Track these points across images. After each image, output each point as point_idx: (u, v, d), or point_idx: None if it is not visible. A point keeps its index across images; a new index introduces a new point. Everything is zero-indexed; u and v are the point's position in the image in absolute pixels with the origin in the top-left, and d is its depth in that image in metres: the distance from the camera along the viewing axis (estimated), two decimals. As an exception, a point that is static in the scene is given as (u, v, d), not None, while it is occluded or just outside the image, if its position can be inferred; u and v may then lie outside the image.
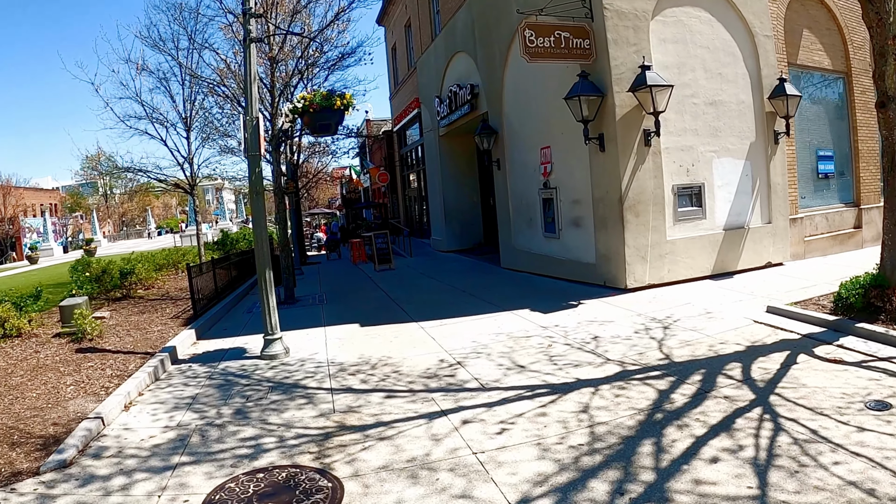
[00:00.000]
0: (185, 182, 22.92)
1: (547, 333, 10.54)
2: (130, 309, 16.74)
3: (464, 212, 27.18)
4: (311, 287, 20.66)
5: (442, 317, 12.82)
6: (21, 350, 12.45)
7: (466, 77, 22.40)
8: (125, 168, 23.40)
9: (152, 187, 25.76)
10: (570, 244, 15.61)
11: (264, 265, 10.85)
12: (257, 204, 10.85)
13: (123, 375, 10.02)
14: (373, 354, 10.35)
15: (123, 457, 6.85)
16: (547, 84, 15.63)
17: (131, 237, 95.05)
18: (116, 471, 6.47)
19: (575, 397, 7.31)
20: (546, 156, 16.15)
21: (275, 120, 17.32)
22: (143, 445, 7.15)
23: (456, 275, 19.65)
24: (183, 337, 12.62)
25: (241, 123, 10.48)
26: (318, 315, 14.87)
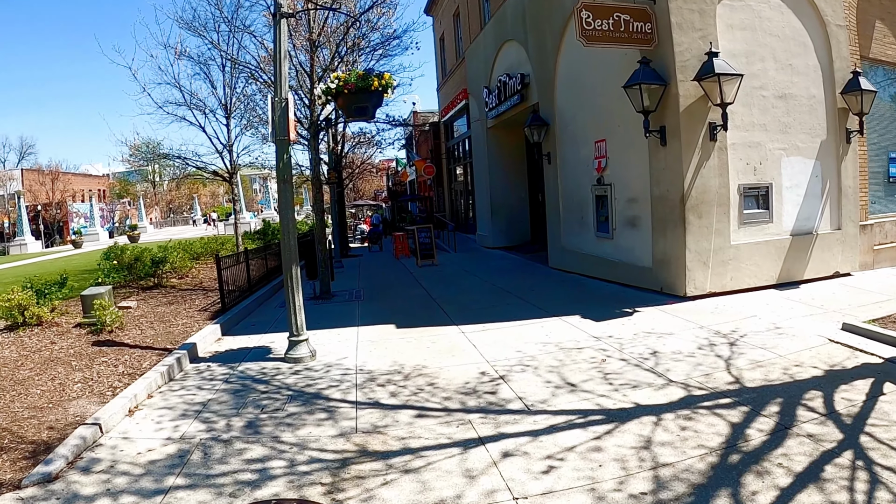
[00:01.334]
0: (225, 170, 22.27)
1: (600, 345, 9.47)
2: (159, 299, 16.06)
3: (511, 207, 26.11)
4: (349, 282, 19.81)
5: (485, 320, 11.82)
6: (38, 340, 11.84)
7: (517, 66, 21.35)
8: (164, 155, 22.84)
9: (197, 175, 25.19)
10: (624, 246, 14.52)
11: (291, 260, 9.96)
12: (284, 193, 9.95)
13: (135, 374, 9.29)
14: (406, 362, 9.41)
15: (114, 473, 6.08)
16: (603, 72, 14.56)
17: (178, 224, 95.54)
18: (102, 490, 5.72)
19: (634, 428, 6.26)
20: (601, 150, 15.08)
21: (313, 106, 16.47)
22: (139, 461, 6.34)
23: (501, 274, 18.62)
24: (206, 333, 11.85)
25: (269, 105, 9.55)
26: (352, 313, 14.00)
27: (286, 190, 9.93)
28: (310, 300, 16.00)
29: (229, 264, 15.38)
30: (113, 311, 12.48)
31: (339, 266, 24.36)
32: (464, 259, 23.79)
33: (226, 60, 19.79)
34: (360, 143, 35.85)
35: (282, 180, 9.83)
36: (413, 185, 57.39)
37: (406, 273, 21.12)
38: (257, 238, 31.38)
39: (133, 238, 54.30)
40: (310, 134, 16.69)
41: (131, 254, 18.43)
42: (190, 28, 18.27)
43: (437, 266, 22.02)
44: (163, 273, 18.74)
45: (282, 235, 10.17)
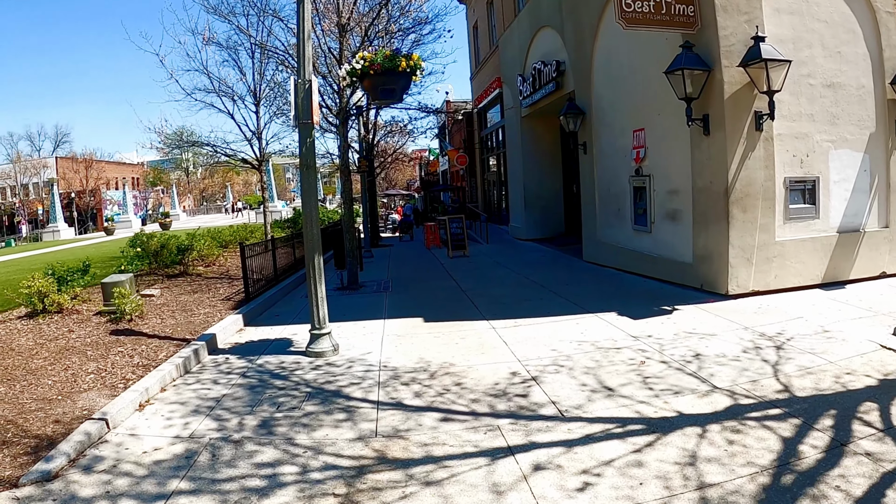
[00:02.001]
0: (254, 158, 21.95)
1: (639, 346, 8.89)
2: (184, 287, 15.75)
3: (545, 199, 25.52)
4: (378, 272, 19.42)
5: (517, 316, 11.28)
6: (56, 328, 11.58)
7: (552, 54, 20.73)
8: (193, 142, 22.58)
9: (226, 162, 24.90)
10: (663, 240, 13.91)
11: (313, 249, 9.50)
12: (307, 179, 9.50)
13: (150, 366, 8.94)
14: (433, 359, 8.90)
15: (116, 474, 5.69)
16: (642, 59, 13.97)
17: (210, 212, 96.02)
18: (102, 493, 5.34)
19: (677, 440, 5.70)
20: (639, 139, 14.48)
21: (342, 93, 16.02)
22: (143, 461, 5.95)
23: (534, 266, 18.04)
24: (227, 323, 11.48)
25: (292, 87, 9.06)
26: (379, 305, 13.58)
27: (309, 176, 9.47)
28: (336, 290, 15.65)
29: (255, 253, 15.03)
30: (133, 299, 12.15)
31: (369, 256, 24.02)
32: (496, 251, 23.27)
33: (254, 46, 19.45)
34: (392, 131, 35.41)
35: (304, 165, 9.36)
36: (445, 175, 57.00)
37: (436, 264, 20.67)
38: (287, 226, 31.15)
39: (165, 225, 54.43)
40: (339, 121, 16.26)
41: (157, 241, 18.15)
42: (217, 13, 17.90)
43: (469, 257, 21.55)
44: (189, 261, 18.48)
45: (304, 224, 9.72)
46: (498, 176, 34.62)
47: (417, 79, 9.51)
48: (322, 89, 17.50)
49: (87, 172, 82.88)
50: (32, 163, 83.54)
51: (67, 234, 63.65)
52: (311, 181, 9.53)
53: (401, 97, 9.92)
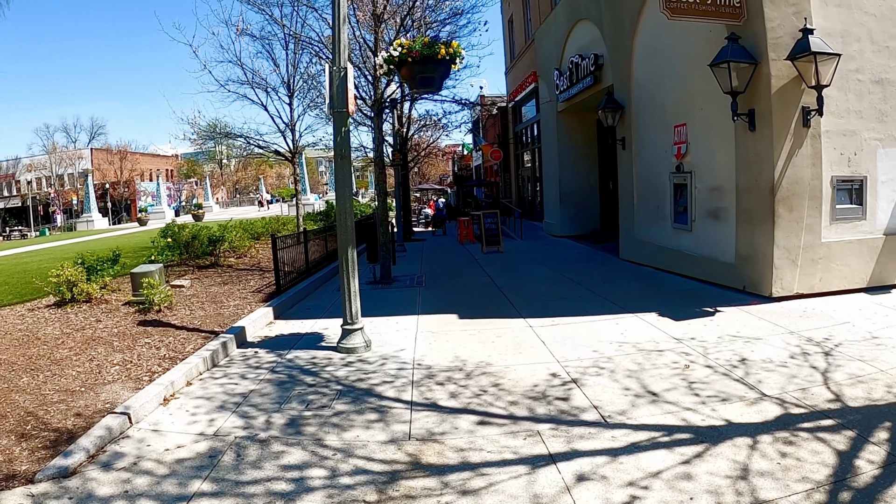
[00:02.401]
0: (287, 150, 21.79)
1: (682, 348, 8.51)
2: (214, 278, 15.62)
3: (580, 195, 25.08)
4: (412, 266, 19.17)
5: (554, 314, 10.95)
6: (83, 317, 11.49)
7: (589, 47, 20.28)
8: (226, 133, 22.46)
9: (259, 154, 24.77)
10: (704, 239, 13.50)
11: (347, 242, 9.24)
12: (341, 170, 9.22)
13: (177, 358, 8.79)
14: (469, 357, 8.59)
15: (136, 472, 5.51)
16: (685, 51, 13.56)
17: (243, 204, 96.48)
18: (120, 492, 5.15)
19: (727, 451, 5.35)
20: (681, 134, 14.07)
21: (377, 83, 15.76)
22: (165, 458, 5.75)
23: (570, 263, 17.69)
24: (257, 316, 11.29)
25: (326, 75, 8.78)
26: (413, 300, 13.34)
27: (343, 167, 9.20)
28: (369, 285, 15.44)
29: (287, 245, 14.87)
30: (162, 290, 12.02)
31: (402, 250, 23.79)
32: (530, 247, 22.93)
33: (288, 37, 19.25)
34: (426, 125, 35.14)
35: (339, 156, 9.10)
36: (479, 171, 56.67)
37: (470, 259, 20.37)
38: (319, 219, 31.08)
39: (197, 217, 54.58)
40: (373, 112, 15.99)
41: (189, 232, 18.09)
42: (251, 3, 17.66)
43: (503, 253, 21.23)
44: (220, 252, 18.40)
45: (337, 216, 9.45)
46: (532, 171, 34.26)
47: (457, 67, 9.17)
48: (357, 82, 17.26)
49: (121, 164, 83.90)
50: (68, 154, 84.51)
51: (101, 224, 64.33)
52: (345, 172, 9.27)
53: (439, 86, 9.56)
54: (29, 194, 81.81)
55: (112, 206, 79.37)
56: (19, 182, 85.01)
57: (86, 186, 66.24)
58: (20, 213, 79.96)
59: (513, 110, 38.44)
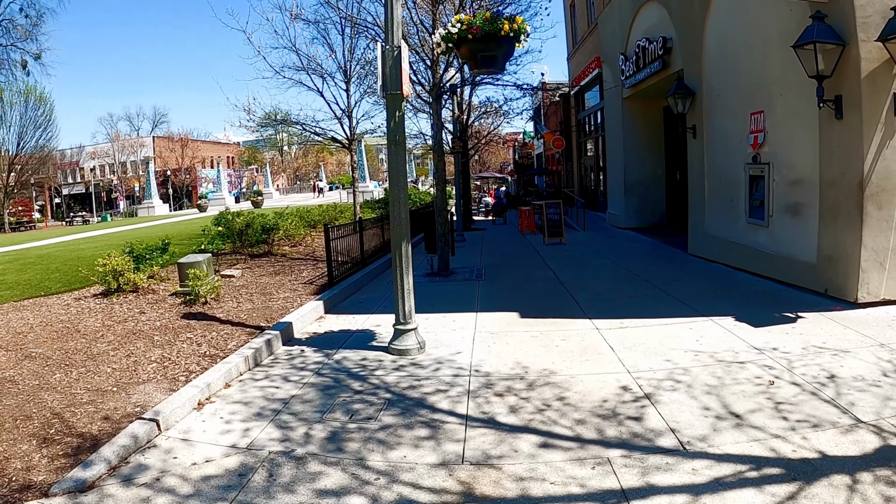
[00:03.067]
0: (344, 137, 21.38)
1: (764, 361, 7.72)
2: (266, 268, 15.24)
3: (646, 185, 24.18)
4: (471, 258, 18.57)
5: (622, 315, 10.23)
6: (127, 309, 11.20)
7: (657, 29, 19.39)
8: (282, 120, 22.14)
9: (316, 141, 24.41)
10: (781, 236, 12.62)
11: (401, 236, 8.63)
12: (395, 157, 8.62)
13: (217, 356, 8.36)
14: (531, 364, 7.93)
15: (157, 490, 5.04)
16: (762, 33, 12.69)
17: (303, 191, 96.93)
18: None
19: (824, 493, 4.58)
20: (757, 123, 13.19)
21: (435, 67, 15.14)
22: (191, 475, 5.28)
23: (636, 258, 16.91)
24: (307, 310, 10.81)
25: (379, 55, 8.17)
26: (471, 294, 12.74)
27: (397, 153, 8.60)
28: (426, 276, 14.94)
29: (341, 235, 14.41)
30: (209, 281, 11.65)
31: (461, 240, 23.26)
32: (593, 239, 22.15)
33: (344, 21, 18.78)
34: (487, 112, 34.46)
35: (392, 141, 8.52)
36: (540, 159, 55.81)
37: (532, 251, 19.70)
38: (378, 207, 30.71)
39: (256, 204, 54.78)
40: (432, 98, 15.37)
41: (243, 220, 17.74)
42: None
43: (565, 245, 20.52)
44: (275, 240, 18.05)
45: (391, 206, 8.84)
46: (595, 160, 33.35)
47: (521, 46, 8.38)
48: (415, 67, 16.68)
49: (182, 151, 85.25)
50: (130, 142, 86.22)
51: (162, 211, 65.26)
52: (399, 159, 8.65)
53: (502, 66, 8.73)
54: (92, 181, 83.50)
55: (173, 192, 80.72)
56: (83, 169, 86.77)
57: (147, 173, 67.42)
58: (84, 200, 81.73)
59: (575, 97, 37.57)
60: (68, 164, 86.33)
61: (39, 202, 79.59)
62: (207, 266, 12.38)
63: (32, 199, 74.76)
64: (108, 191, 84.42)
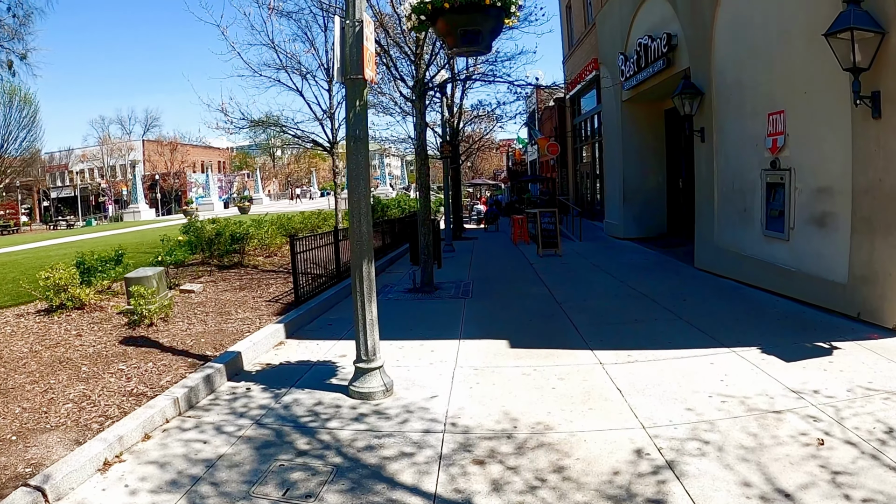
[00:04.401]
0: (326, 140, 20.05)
1: (806, 409, 6.24)
2: (232, 281, 13.85)
3: (646, 193, 22.78)
4: (459, 270, 17.12)
5: (628, 344, 8.77)
6: (65, 330, 9.79)
7: (661, 26, 18.00)
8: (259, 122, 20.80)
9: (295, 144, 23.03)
10: (804, 251, 11.19)
11: (362, 255, 7.06)
12: (356, 156, 7.01)
13: (145, 395, 6.94)
14: (522, 415, 6.41)
15: None
16: (784, 21, 11.35)
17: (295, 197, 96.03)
18: None
19: None
20: (776, 124, 11.79)
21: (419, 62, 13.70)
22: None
23: (639, 272, 15.40)
24: (263, 335, 9.36)
25: (337, 30, 6.56)
26: (456, 316, 11.28)
27: (357, 151, 7.02)
28: (408, 292, 13.57)
29: (315, 245, 13.07)
30: (156, 300, 10.17)
31: (450, 250, 21.90)
32: (591, 250, 20.67)
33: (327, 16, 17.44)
34: (479, 116, 33.05)
35: (353, 137, 6.97)
36: (534, 166, 54.64)
37: (524, 264, 18.24)
38: (365, 214, 29.32)
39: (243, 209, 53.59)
40: (415, 95, 13.90)
41: (213, 228, 16.37)
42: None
43: (561, 257, 19.07)
44: (248, 250, 16.70)
45: (350, 217, 7.27)
46: (592, 167, 32.02)
47: (511, 22, 6.82)
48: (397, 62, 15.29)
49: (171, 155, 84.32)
50: (119, 145, 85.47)
51: (148, 216, 64.44)
52: (360, 158, 7.06)
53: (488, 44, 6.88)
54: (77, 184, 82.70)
55: (162, 197, 79.85)
56: (72, 172, 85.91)
57: (133, 177, 66.73)
58: (73, 203, 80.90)
59: (571, 102, 36.28)
60: (57, 167, 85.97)
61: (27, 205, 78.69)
62: (159, 281, 10.93)
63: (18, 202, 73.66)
64: (96, 194, 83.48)
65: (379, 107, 25.70)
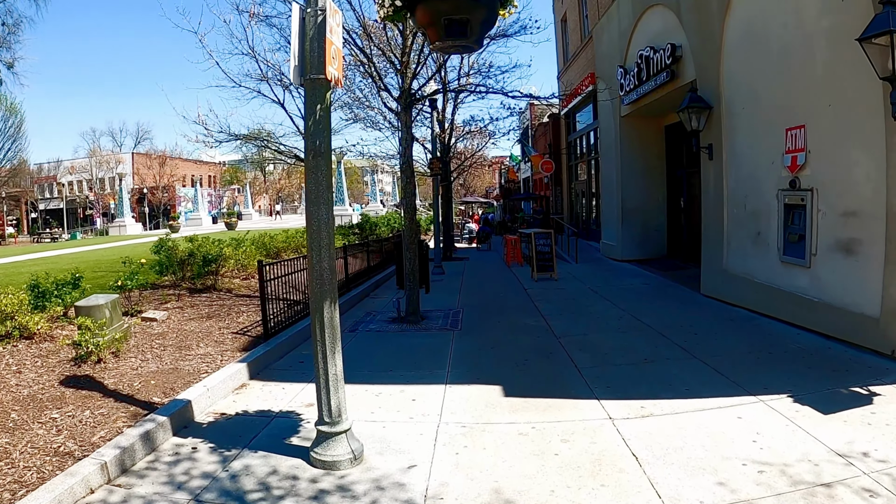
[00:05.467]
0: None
1: (859, 480, 5.07)
2: (202, 308, 12.72)
3: (645, 213, 21.70)
4: (448, 296, 15.93)
5: (640, 391, 7.60)
6: (6, 364, 8.69)
7: (663, 36, 16.92)
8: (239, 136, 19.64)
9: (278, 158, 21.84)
10: (829, 279, 10.09)
11: (323, 295, 5.79)
12: (316, 173, 5.72)
13: (72, 455, 5.83)
14: (519, 495, 5.16)
15: None
16: (807, 27, 10.33)
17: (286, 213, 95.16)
18: None
19: None
20: (796, 140, 10.72)
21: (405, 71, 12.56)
22: None
23: (641, 299, 14.26)
24: (222, 377, 8.18)
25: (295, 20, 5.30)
26: (442, 353, 10.05)
27: (317, 168, 5.72)
28: (392, 322, 12.45)
29: (291, 270, 11.94)
30: (104, 333, 8.95)
31: (440, 272, 20.76)
32: (588, 273, 19.48)
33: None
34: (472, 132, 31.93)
35: (313, 150, 5.71)
36: (527, 184, 53.60)
37: (518, 289, 17.05)
38: (353, 233, 28.26)
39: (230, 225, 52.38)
40: (401, 106, 12.75)
41: (186, 248, 15.18)
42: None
43: (557, 281, 17.90)
44: (223, 272, 15.50)
45: (309, 250, 5.92)
46: (587, 185, 31.02)
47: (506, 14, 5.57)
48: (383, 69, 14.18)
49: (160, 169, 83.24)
50: (108, 157, 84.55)
51: (134, 230, 63.39)
52: (321, 178, 5.75)
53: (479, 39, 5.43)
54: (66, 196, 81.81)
55: (150, 211, 78.92)
56: (61, 184, 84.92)
57: (119, 191, 65.75)
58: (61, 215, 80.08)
59: (566, 118, 35.27)
60: (45, 179, 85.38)
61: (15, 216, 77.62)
62: (112, 310, 9.72)
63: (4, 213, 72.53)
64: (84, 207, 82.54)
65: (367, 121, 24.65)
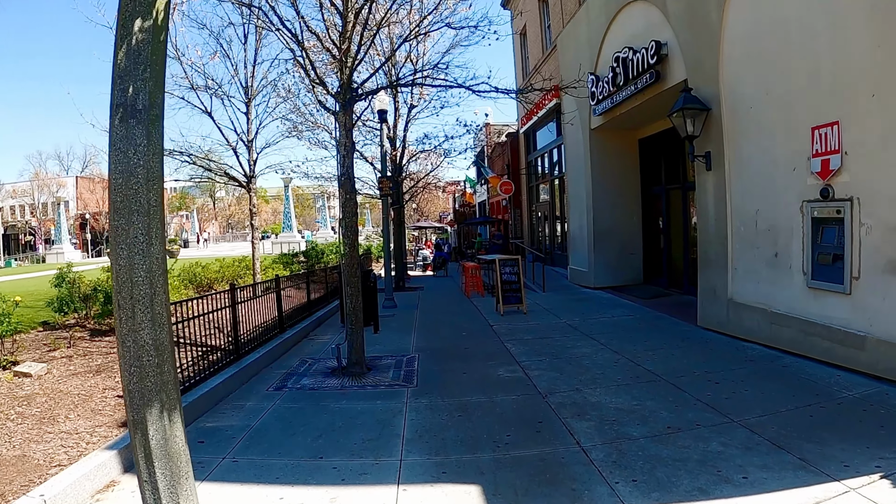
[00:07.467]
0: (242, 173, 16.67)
1: None
2: (95, 357, 10.35)
3: (620, 236, 19.59)
4: (400, 336, 13.51)
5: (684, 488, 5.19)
6: None
7: (644, 35, 14.82)
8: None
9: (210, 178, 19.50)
10: (878, 307, 8.00)
11: (144, 397, 3.65)
12: (124, 151, 3.31)
13: None
14: None
15: None
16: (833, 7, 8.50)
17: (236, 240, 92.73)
18: None
19: None
20: (827, 141, 8.69)
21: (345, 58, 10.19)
22: None
23: (635, 338, 11.81)
24: (82, 472, 5.75)
25: None
26: (393, 427, 7.41)
27: (129, 139, 3.35)
28: (330, 374, 10.10)
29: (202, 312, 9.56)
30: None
31: (391, 305, 18.50)
32: (560, 304, 17.13)
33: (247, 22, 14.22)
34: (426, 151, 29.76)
35: (122, 107, 3.21)
36: (483, 207, 51.46)
37: (483, 326, 14.56)
38: (297, 261, 26.01)
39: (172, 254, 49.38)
40: (339, 104, 10.34)
41: (90, 282, 12.78)
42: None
43: (526, 315, 15.53)
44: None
45: (116, 310, 3.69)
46: (550, 207, 28.95)
47: None
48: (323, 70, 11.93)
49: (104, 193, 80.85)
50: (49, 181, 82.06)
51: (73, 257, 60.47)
52: (136, 160, 2.97)
53: None
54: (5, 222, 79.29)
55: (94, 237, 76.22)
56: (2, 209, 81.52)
57: (58, 215, 64.10)
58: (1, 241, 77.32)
59: (525, 137, 33.29)
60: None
61: (-49, 242, 75.24)
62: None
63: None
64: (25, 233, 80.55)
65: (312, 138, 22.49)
